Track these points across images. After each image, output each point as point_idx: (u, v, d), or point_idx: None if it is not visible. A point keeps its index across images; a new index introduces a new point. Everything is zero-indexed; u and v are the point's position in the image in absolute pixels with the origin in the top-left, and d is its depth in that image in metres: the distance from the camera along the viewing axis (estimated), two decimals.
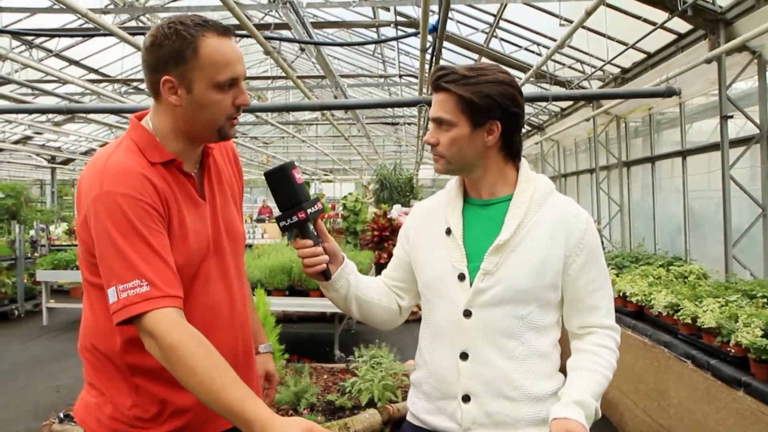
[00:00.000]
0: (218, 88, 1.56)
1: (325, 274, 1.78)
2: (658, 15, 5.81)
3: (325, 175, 32.31)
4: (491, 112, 1.66)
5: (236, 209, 1.85)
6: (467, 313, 1.70)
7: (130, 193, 1.50)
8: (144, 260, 1.47)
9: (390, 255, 9.40)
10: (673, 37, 6.24)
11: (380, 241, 9.98)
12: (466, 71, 1.68)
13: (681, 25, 5.89)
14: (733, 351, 3.37)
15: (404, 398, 4.95)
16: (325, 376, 5.62)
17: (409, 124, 19.72)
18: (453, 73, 1.68)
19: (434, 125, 1.72)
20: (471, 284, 1.70)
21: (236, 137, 19.73)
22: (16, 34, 7.84)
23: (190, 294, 1.63)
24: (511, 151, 1.75)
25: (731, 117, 5.29)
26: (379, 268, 9.06)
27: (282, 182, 1.70)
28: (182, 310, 1.50)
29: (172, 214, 1.60)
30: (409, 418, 1.88)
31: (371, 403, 4.83)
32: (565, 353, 1.76)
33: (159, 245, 1.51)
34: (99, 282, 1.55)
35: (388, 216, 10.40)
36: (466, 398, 1.70)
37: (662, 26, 5.94)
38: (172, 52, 1.54)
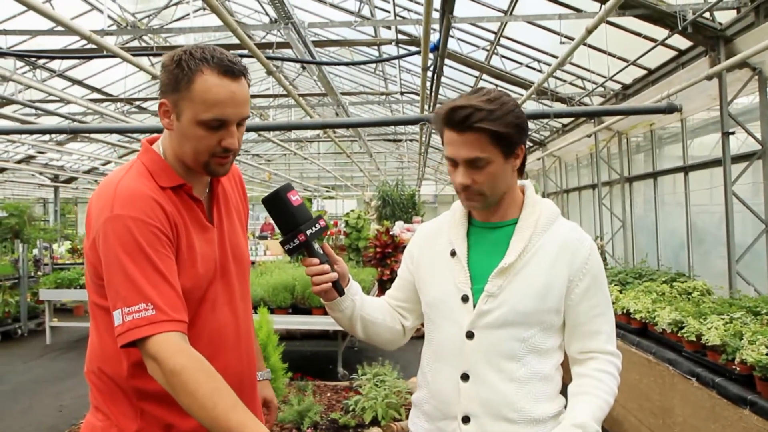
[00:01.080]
0: (203, 125, 1.56)
1: (338, 290, 1.78)
2: (659, 32, 5.85)
3: (327, 191, 32.36)
4: (519, 139, 1.66)
5: (242, 233, 1.86)
6: (470, 335, 1.70)
7: (139, 217, 1.51)
8: (151, 284, 1.48)
9: (393, 272, 9.40)
10: (673, 53, 6.27)
11: (383, 258, 9.96)
12: (485, 104, 1.61)
13: (681, 42, 5.93)
14: (738, 369, 3.35)
15: (408, 416, 4.94)
16: (328, 394, 5.59)
17: (411, 140, 19.78)
18: (477, 109, 1.60)
19: (465, 167, 1.65)
20: (474, 306, 1.71)
21: (238, 154, 19.75)
22: (20, 56, 7.90)
23: (198, 318, 1.64)
24: (522, 169, 1.76)
25: (733, 133, 5.31)
26: (382, 284, 9.05)
27: (279, 207, 1.71)
28: (186, 334, 1.51)
29: (181, 238, 1.60)
30: None
31: (375, 422, 4.80)
32: (567, 376, 1.75)
33: (166, 269, 1.52)
34: (106, 304, 1.56)
35: (391, 233, 10.39)
36: (465, 419, 1.69)
37: (663, 43, 5.98)
38: (170, 78, 1.56)
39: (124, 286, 1.47)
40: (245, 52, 5.86)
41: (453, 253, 1.78)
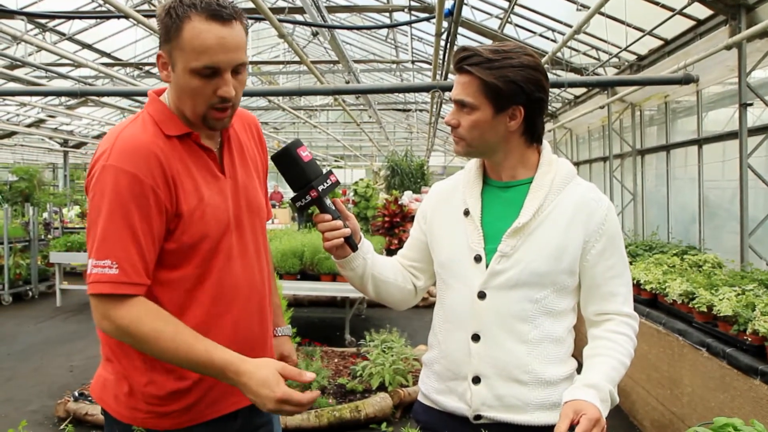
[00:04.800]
0: (195, 74, 1.51)
1: (351, 245, 1.74)
2: (677, 0, 5.73)
3: (336, 161, 32.28)
4: (515, 98, 1.62)
5: (260, 184, 1.83)
6: (482, 295, 1.68)
7: (133, 172, 1.50)
8: (121, 243, 1.50)
9: (401, 241, 9.40)
10: (691, 23, 6.15)
11: (391, 227, 9.97)
12: (490, 54, 1.62)
13: (700, 11, 5.80)
14: (749, 339, 3.34)
15: (415, 383, 4.98)
16: (336, 360, 5.64)
17: (420, 110, 19.64)
18: (477, 55, 1.62)
19: (456, 106, 1.68)
20: (487, 266, 1.69)
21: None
22: (31, 16, 7.84)
23: (210, 270, 1.63)
24: (533, 136, 1.72)
25: (751, 104, 5.22)
26: (390, 253, 9.05)
27: (289, 163, 1.67)
28: (143, 296, 1.54)
29: (185, 191, 1.58)
30: (420, 398, 1.88)
31: (382, 387, 4.84)
32: (580, 338, 1.74)
33: (143, 231, 1.52)
34: None
35: (399, 202, 10.37)
36: (476, 380, 1.69)
37: (681, 12, 5.86)
38: (163, 29, 1.53)
39: (98, 238, 1.50)
40: (258, 15, 5.80)
41: (466, 213, 1.75)
